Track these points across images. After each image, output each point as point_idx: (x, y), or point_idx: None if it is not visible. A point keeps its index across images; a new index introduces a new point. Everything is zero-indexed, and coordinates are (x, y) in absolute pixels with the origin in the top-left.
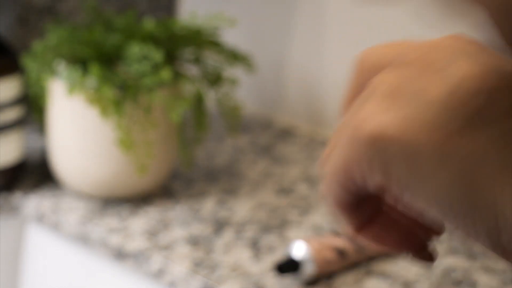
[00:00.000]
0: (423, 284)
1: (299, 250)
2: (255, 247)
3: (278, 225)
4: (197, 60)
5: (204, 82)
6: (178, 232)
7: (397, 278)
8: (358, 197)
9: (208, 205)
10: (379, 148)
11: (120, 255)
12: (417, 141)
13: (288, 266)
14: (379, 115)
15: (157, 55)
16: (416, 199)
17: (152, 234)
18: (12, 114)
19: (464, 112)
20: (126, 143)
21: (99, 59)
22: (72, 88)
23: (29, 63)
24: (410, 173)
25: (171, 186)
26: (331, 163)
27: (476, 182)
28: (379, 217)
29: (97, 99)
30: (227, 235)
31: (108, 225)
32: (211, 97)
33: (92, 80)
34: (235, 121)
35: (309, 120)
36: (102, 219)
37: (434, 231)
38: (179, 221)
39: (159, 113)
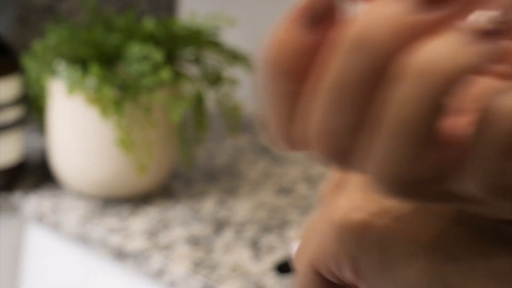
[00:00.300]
0: None
1: None
2: (255, 247)
3: (278, 225)
4: (197, 60)
5: (204, 82)
6: (178, 232)
7: None
8: None
9: (208, 205)
10: (349, 239)
11: (120, 255)
12: (391, 232)
13: (288, 266)
14: (353, 205)
15: (157, 55)
16: None
17: (152, 234)
18: (12, 114)
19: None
20: (126, 143)
21: (99, 59)
22: (72, 88)
23: (29, 63)
24: (380, 266)
25: (171, 186)
26: (303, 255)
27: (446, 278)
28: None
29: (97, 99)
30: (227, 235)
31: (108, 225)
32: (211, 97)
33: (92, 80)
34: (235, 121)
35: None
36: (102, 219)
37: None
38: (179, 221)
39: (159, 113)
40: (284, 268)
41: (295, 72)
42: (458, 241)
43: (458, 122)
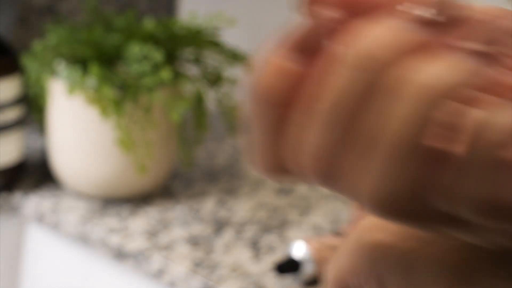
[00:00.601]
0: None
1: (299, 250)
2: (255, 247)
3: (278, 225)
4: (197, 60)
5: (204, 82)
6: (178, 232)
7: None
8: None
9: (208, 205)
10: (376, 257)
11: (120, 255)
12: (415, 252)
13: (288, 266)
14: (378, 226)
15: (157, 55)
16: None
17: (152, 234)
18: (12, 114)
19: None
20: (126, 143)
21: (99, 59)
22: (72, 88)
23: (29, 63)
24: (406, 285)
25: (171, 186)
26: (333, 269)
27: None
28: None
29: (97, 99)
30: (227, 235)
31: (108, 225)
32: (211, 97)
33: (92, 80)
34: (235, 121)
35: None
36: (102, 219)
37: None
38: (179, 221)
39: (159, 113)
40: (284, 268)
41: (284, 100)
42: (481, 265)
43: (448, 137)
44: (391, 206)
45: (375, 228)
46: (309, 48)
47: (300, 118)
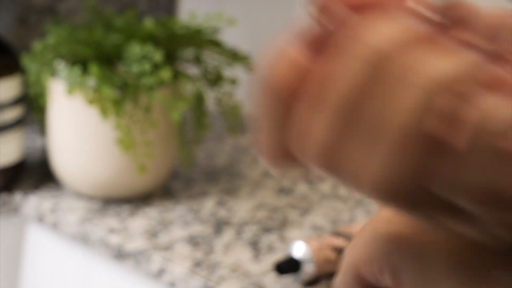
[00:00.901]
0: None
1: (299, 250)
2: (255, 247)
3: (278, 225)
4: (197, 60)
5: (204, 82)
6: (178, 232)
7: None
8: None
9: (208, 205)
10: (391, 248)
11: (120, 255)
12: (430, 245)
13: (288, 266)
14: (395, 219)
15: (157, 55)
16: None
17: (152, 234)
18: (12, 114)
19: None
20: (126, 143)
21: (99, 59)
22: (72, 88)
23: (29, 63)
24: (420, 277)
25: (171, 186)
26: (348, 256)
27: None
28: None
29: (97, 99)
30: (227, 235)
31: (108, 225)
32: (211, 97)
33: (92, 80)
34: (235, 121)
35: None
36: (102, 219)
37: None
38: (179, 221)
39: (159, 113)
40: (284, 268)
41: (292, 91)
42: (494, 261)
43: (449, 128)
44: (392, 192)
45: (391, 220)
46: (318, 46)
47: (307, 108)
